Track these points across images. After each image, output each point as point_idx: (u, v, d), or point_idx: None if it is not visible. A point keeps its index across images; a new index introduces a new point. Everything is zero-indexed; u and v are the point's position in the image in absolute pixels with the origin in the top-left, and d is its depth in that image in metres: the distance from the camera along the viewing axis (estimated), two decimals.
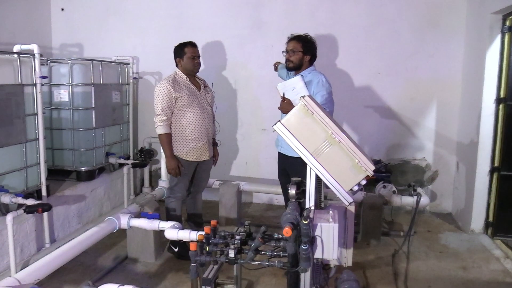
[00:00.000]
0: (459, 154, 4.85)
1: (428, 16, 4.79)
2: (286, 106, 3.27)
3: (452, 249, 4.05)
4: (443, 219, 4.87)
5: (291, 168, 3.40)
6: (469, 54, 4.64)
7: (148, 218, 3.22)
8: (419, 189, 4.66)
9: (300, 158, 2.31)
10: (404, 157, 5.03)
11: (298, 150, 2.29)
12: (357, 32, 4.93)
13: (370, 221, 4.16)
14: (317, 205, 2.43)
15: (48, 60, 4.34)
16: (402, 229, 4.44)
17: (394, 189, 4.53)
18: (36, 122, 3.58)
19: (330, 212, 2.27)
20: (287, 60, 3.46)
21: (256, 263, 2.31)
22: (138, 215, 3.44)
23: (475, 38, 4.47)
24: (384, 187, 4.54)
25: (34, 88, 3.53)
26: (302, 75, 3.35)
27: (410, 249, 3.91)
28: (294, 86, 3.28)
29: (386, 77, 4.95)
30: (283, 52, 3.51)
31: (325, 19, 4.96)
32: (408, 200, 4.39)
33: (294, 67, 3.46)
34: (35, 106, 3.56)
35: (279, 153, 3.59)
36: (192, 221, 4.01)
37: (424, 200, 4.36)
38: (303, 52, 3.41)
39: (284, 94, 3.30)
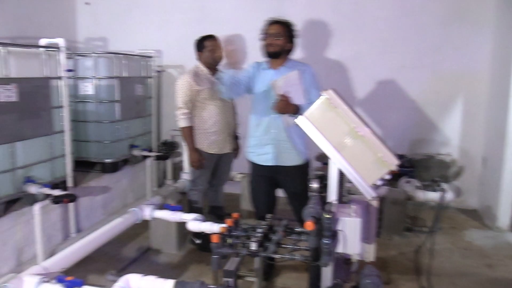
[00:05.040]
0: (486, 149, 4.73)
1: (455, 8, 4.67)
2: (284, 105, 2.84)
3: (477, 246, 3.97)
4: (468, 215, 4.77)
5: (286, 177, 3.16)
6: (498, 47, 4.51)
7: (171, 210, 3.24)
8: (443, 185, 4.58)
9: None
10: (428, 152, 4.94)
11: (320, 143, 2.28)
12: (381, 24, 4.85)
13: (393, 216, 4.11)
14: (340, 199, 2.41)
15: (73, 54, 4.42)
16: (426, 225, 4.37)
17: (418, 184, 4.46)
18: (62, 114, 3.65)
19: (353, 206, 2.25)
20: (270, 45, 3.05)
21: (278, 256, 2.31)
22: (161, 206, 3.47)
23: (505, 30, 4.33)
24: (408, 182, 4.47)
25: (60, 81, 3.60)
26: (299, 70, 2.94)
27: (433, 245, 3.85)
28: (293, 82, 2.86)
29: (410, 70, 4.85)
30: (262, 36, 3.12)
31: (348, 11, 4.89)
32: (432, 196, 4.31)
33: (275, 53, 3.05)
34: (61, 99, 3.63)
35: (268, 167, 3.15)
36: (214, 214, 4.03)
37: (449, 195, 4.28)
38: (287, 39, 3.06)
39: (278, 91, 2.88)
